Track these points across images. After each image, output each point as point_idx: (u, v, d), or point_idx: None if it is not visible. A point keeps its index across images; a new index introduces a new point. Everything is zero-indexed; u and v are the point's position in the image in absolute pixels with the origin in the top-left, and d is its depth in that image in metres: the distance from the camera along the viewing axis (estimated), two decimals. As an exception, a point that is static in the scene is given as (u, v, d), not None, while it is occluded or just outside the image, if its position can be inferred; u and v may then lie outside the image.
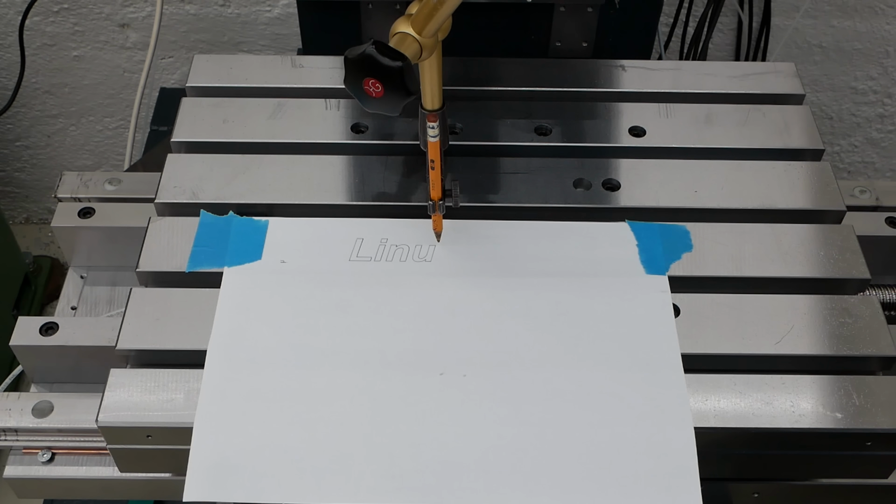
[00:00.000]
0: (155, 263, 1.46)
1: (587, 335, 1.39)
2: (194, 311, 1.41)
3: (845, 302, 1.44)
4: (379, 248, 1.48)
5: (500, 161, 1.59)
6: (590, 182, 1.56)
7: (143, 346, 1.37)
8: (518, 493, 1.27)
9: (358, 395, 1.33)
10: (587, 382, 1.35)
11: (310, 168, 1.57)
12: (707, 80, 1.73)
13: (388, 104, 1.29)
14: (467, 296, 1.43)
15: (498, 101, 1.69)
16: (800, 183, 1.57)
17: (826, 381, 1.36)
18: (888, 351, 1.38)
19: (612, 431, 1.30)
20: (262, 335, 1.38)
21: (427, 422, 1.31)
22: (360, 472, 1.27)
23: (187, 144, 1.61)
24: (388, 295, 1.43)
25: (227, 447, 1.29)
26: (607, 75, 1.74)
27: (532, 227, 1.51)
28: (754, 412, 1.32)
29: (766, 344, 1.39)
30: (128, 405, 1.32)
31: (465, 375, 1.35)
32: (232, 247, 1.47)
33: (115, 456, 1.37)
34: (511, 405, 1.32)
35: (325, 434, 1.30)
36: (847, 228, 1.51)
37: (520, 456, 1.29)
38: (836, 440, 1.33)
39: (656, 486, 1.27)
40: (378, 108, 1.30)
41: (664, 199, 1.54)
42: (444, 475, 1.27)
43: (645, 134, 1.63)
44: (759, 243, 1.49)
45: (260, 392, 1.33)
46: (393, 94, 1.27)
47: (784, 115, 1.67)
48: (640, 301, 1.43)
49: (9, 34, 2.95)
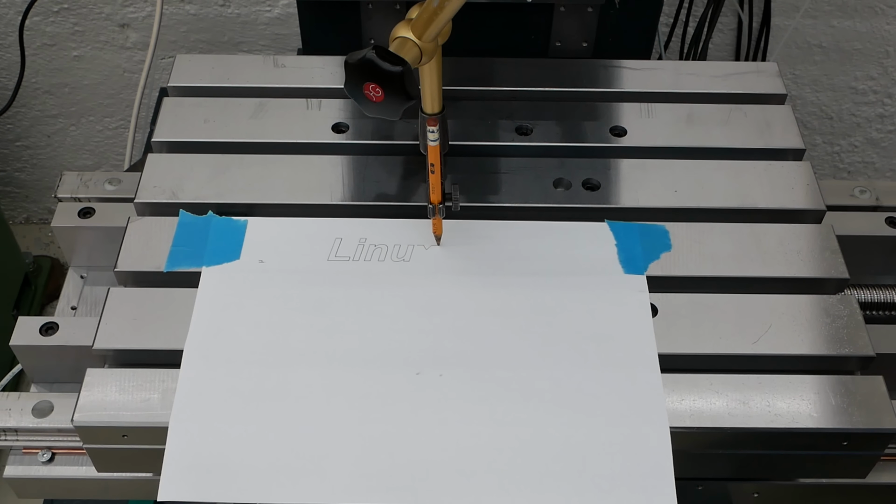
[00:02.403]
0: (133, 263, 1.46)
1: (565, 335, 1.39)
2: (172, 311, 1.41)
3: (824, 302, 1.44)
4: (357, 247, 1.48)
5: (480, 161, 1.60)
6: (570, 182, 1.56)
7: (120, 346, 1.38)
8: (493, 492, 1.27)
9: (334, 394, 1.33)
10: (564, 382, 1.35)
11: (290, 168, 1.58)
12: (689, 80, 1.73)
13: (389, 108, 1.29)
14: (445, 295, 1.43)
15: (479, 100, 1.70)
16: (780, 182, 1.56)
17: (803, 381, 1.36)
18: (866, 351, 1.38)
19: (588, 431, 1.30)
20: (238, 335, 1.39)
21: (403, 421, 1.31)
22: (335, 471, 1.28)
23: (168, 144, 1.62)
24: (365, 295, 1.43)
25: (203, 447, 1.29)
26: (589, 75, 1.74)
27: (511, 227, 1.51)
28: (730, 412, 1.32)
29: (744, 344, 1.39)
30: (104, 405, 1.32)
31: (442, 375, 1.35)
32: (210, 246, 1.47)
33: (92, 456, 1.37)
34: (487, 405, 1.33)
35: (301, 434, 1.30)
36: (826, 228, 1.51)
37: (495, 455, 1.29)
38: (813, 440, 1.33)
39: (631, 486, 1.27)
40: (378, 113, 1.31)
41: (644, 198, 1.54)
42: (420, 475, 1.28)
43: (626, 134, 1.63)
44: (739, 243, 1.49)
45: (236, 391, 1.33)
46: (393, 99, 1.28)
47: (766, 115, 1.67)
48: (619, 301, 1.43)
49: (9, 34, 2.96)
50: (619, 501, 1.27)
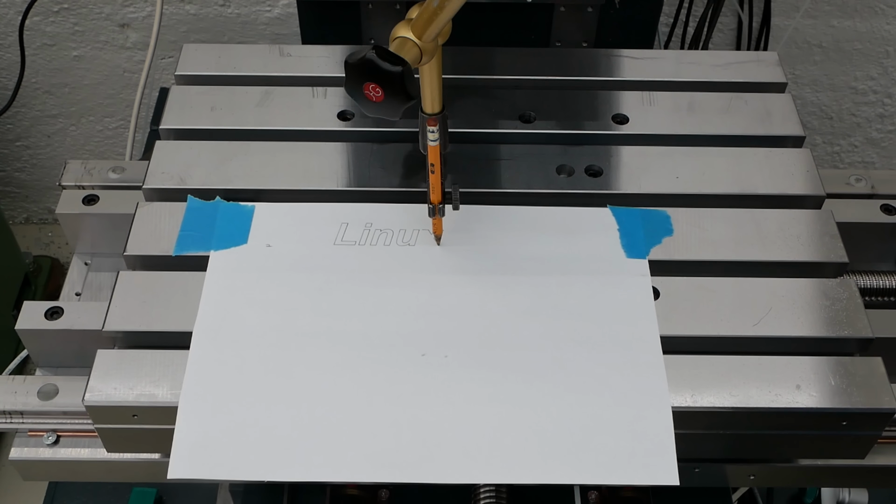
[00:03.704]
0: (142, 247, 1.48)
1: (568, 317, 1.41)
2: (181, 294, 1.43)
3: (823, 285, 1.45)
4: (363, 232, 1.50)
5: (484, 148, 1.61)
6: (572, 168, 1.57)
7: (130, 328, 1.39)
8: (498, 471, 1.28)
9: (341, 375, 1.35)
10: (567, 363, 1.36)
11: (296, 154, 1.59)
12: (690, 69, 1.75)
13: (389, 108, 1.30)
14: (450, 279, 1.45)
15: (482, 88, 1.71)
16: (780, 169, 1.58)
17: (803, 363, 1.37)
18: (864, 333, 1.40)
19: (591, 411, 1.32)
20: (246, 317, 1.40)
21: (409, 401, 1.33)
22: (342, 450, 1.29)
23: (175, 131, 1.64)
24: (371, 278, 1.45)
25: (212, 426, 1.30)
26: (591, 64, 1.76)
27: (515, 213, 1.53)
28: (731, 392, 1.33)
29: (745, 326, 1.40)
30: (114, 385, 1.33)
31: (447, 356, 1.36)
32: (218, 231, 1.49)
33: (102, 436, 1.38)
34: (492, 385, 1.34)
35: (309, 413, 1.31)
36: (826, 213, 1.53)
37: (500, 435, 1.30)
38: (812, 420, 1.35)
39: (635, 465, 1.28)
40: (378, 113, 1.31)
41: (646, 185, 1.56)
42: (426, 453, 1.29)
43: (628, 121, 1.65)
44: (739, 228, 1.51)
45: (244, 372, 1.35)
46: (393, 99, 1.28)
47: (766, 103, 1.68)
48: (621, 284, 1.44)
49: (9, 34, 2.97)
50: (622, 480, 1.28)
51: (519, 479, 1.28)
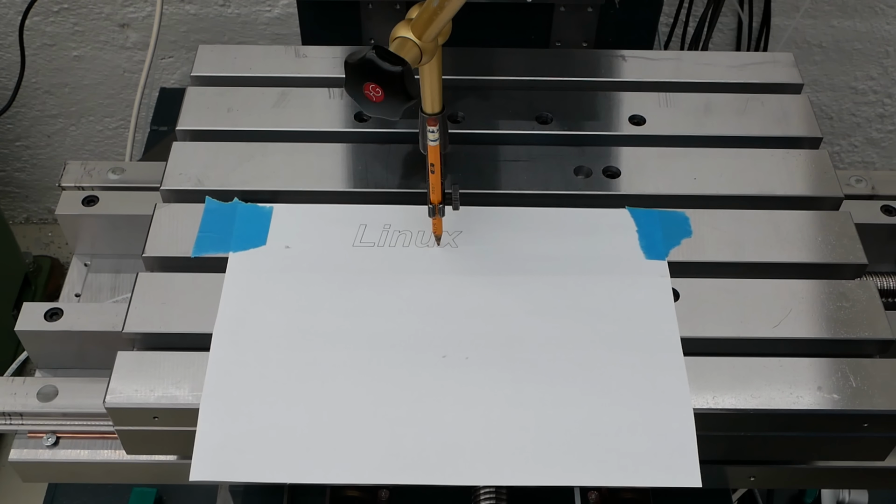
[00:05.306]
0: (161, 249, 1.47)
1: (588, 318, 1.41)
2: (200, 296, 1.42)
3: (843, 286, 1.45)
4: (382, 233, 1.50)
5: (501, 149, 1.61)
6: (590, 169, 1.57)
7: (149, 330, 1.39)
8: (519, 472, 1.28)
9: (361, 376, 1.34)
10: (588, 364, 1.36)
11: (313, 156, 1.59)
12: (706, 70, 1.75)
13: (389, 108, 1.30)
14: (470, 280, 1.45)
15: (499, 90, 1.71)
16: (798, 170, 1.58)
17: (823, 364, 1.37)
18: (885, 334, 1.40)
19: (612, 412, 1.32)
20: (266, 318, 1.40)
21: (430, 402, 1.32)
22: (363, 451, 1.29)
23: (192, 133, 1.63)
24: (391, 279, 1.45)
25: (233, 428, 1.30)
26: (607, 65, 1.76)
27: (533, 214, 1.53)
28: (752, 394, 1.33)
29: (765, 327, 1.40)
30: (134, 387, 1.33)
31: (468, 358, 1.36)
32: (237, 232, 1.49)
33: (122, 438, 1.38)
34: (512, 387, 1.34)
35: (330, 414, 1.31)
36: (844, 215, 1.53)
37: (521, 436, 1.30)
38: (834, 422, 1.35)
39: (656, 466, 1.28)
40: (378, 113, 1.31)
41: (664, 186, 1.56)
42: (447, 454, 1.29)
43: (645, 122, 1.65)
44: (758, 229, 1.51)
45: (264, 374, 1.34)
46: (393, 99, 1.28)
47: (782, 104, 1.68)
48: (641, 285, 1.44)
49: (9, 34, 2.97)
50: (643, 480, 1.28)
51: (542, 481, 1.28)
